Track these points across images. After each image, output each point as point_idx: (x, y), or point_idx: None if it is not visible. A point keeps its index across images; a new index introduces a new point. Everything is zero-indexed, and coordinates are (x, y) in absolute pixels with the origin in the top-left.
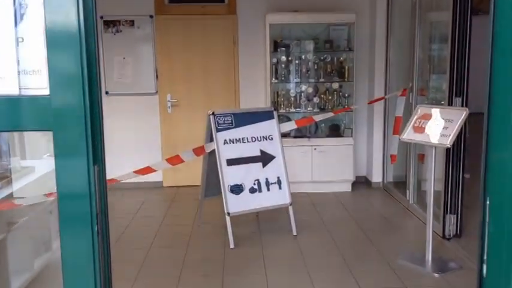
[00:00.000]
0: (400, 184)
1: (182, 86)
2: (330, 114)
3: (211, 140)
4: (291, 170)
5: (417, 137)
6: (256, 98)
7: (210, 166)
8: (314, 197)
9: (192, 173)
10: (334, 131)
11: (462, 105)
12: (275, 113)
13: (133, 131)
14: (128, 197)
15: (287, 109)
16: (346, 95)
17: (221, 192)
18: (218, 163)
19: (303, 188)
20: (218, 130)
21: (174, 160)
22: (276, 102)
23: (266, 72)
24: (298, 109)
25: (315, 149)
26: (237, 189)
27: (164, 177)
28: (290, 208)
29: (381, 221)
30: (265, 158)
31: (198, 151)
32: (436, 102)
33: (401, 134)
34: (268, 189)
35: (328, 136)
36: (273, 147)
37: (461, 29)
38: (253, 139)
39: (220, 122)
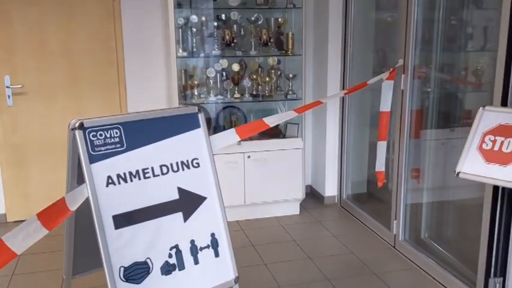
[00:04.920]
0: (362, 198)
1: (30, 64)
2: (292, 115)
3: (80, 180)
4: None
5: (496, 172)
6: (154, 82)
7: (80, 227)
8: (251, 231)
9: (54, 196)
10: (272, 128)
11: None
12: (201, 117)
13: None
14: None
15: (202, 98)
16: (291, 75)
17: (102, 265)
18: (96, 224)
19: (233, 214)
20: (94, 159)
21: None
22: (185, 87)
23: (169, 41)
24: (219, 97)
25: (248, 156)
26: (137, 272)
27: (8, 206)
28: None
29: (367, 277)
30: (187, 203)
31: (51, 218)
32: (451, 91)
33: (458, 165)
34: (197, 262)
35: (264, 137)
36: (201, 180)
37: None
38: (165, 169)
39: (98, 142)
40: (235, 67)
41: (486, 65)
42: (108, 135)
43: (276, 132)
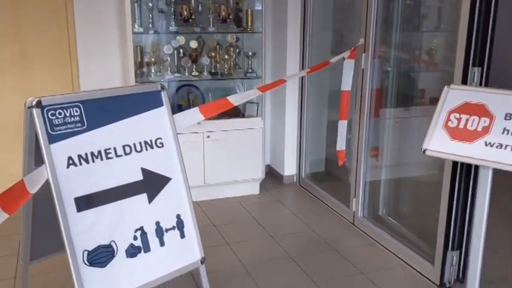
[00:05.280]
0: (320, 177)
1: None
2: (256, 93)
3: (38, 161)
4: None
5: (462, 149)
6: (108, 59)
7: (38, 209)
8: (212, 211)
9: (4, 178)
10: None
11: (482, 80)
12: (164, 95)
13: None
14: None
15: (159, 75)
16: (250, 53)
17: (63, 246)
18: (57, 207)
19: (193, 195)
20: (53, 139)
21: None
22: (141, 65)
23: (124, 17)
24: (177, 75)
25: (208, 136)
26: (101, 255)
27: None
28: (202, 268)
29: (328, 254)
30: (152, 184)
31: (11, 202)
32: (410, 70)
33: (425, 142)
34: (163, 244)
35: (223, 116)
36: (165, 160)
37: None
38: (128, 149)
39: (57, 121)
40: (193, 44)
41: (442, 45)
42: (67, 114)
43: (235, 112)
